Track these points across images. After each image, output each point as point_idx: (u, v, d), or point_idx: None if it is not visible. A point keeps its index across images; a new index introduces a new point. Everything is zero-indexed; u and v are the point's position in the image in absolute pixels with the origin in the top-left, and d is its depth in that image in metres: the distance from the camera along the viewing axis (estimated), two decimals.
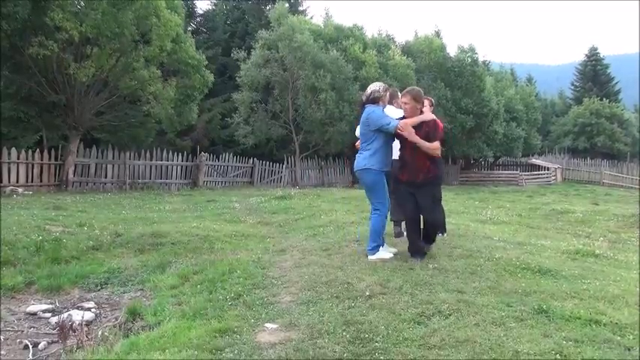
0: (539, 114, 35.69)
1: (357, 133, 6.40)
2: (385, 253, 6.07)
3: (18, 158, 15.99)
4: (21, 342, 4.78)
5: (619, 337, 3.81)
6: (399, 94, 6.86)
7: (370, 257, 5.97)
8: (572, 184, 33.25)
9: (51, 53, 14.87)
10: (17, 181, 15.77)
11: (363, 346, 3.64)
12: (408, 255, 6.03)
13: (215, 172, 22.51)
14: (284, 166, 25.16)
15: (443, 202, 6.91)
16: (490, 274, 5.42)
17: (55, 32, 15.07)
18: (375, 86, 6.17)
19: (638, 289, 5.23)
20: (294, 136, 24.64)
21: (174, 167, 20.91)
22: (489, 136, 29.68)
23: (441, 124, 6.57)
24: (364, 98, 6.13)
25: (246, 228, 9.47)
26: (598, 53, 53.76)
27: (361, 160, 6.03)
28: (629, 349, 3.61)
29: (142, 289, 6.18)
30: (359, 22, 27.91)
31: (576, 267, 6.09)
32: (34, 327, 5.21)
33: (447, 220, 8.01)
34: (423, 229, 6.07)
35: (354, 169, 6.20)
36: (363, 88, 23.02)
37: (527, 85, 39.70)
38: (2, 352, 4.56)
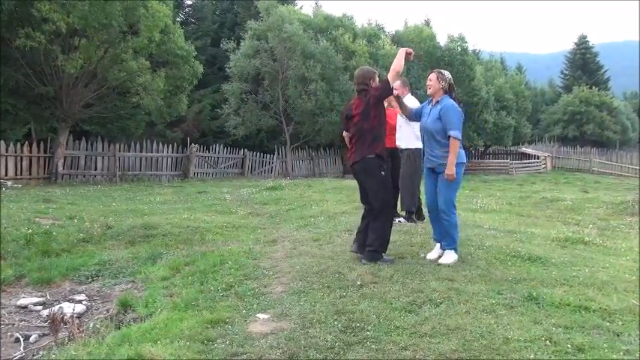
0: (529, 103, 35.84)
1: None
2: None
3: (6, 151, 15.87)
4: (12, 335, 4.77)
5: (608, 323, 3.85)
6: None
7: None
8: (562, 172, 33.46)
9: (38, 45, 14.72)
10: (6, 174, 15.65)
11: (354, 335, 3.65)
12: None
13: (205, 164, 22.45)
14: (275, 156, 25.13)
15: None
16: (480, 262, 5.45)
17: (42, 24, 14.90)
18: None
19: (627, 275, 5.28)
20: (285, 126, 24.60)
21: (165, 159, 20.83)
22: (479, 125, 29.77)
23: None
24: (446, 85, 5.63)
25: (237, 219, 9.46)
26: (587, 42, 54.03)
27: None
28: (618, 335, 3.65)
29: (133, 281, 6.17)
30: (348, 12, 27.86)
31: (566, 254, 6.14)
32: (25, 320, 5.19)
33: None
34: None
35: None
36: (353, 78, 23.12)
37: (517, 73, 39.83)
38: None
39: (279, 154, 25.27)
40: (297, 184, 15.73)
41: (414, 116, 5.95)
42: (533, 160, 35.66)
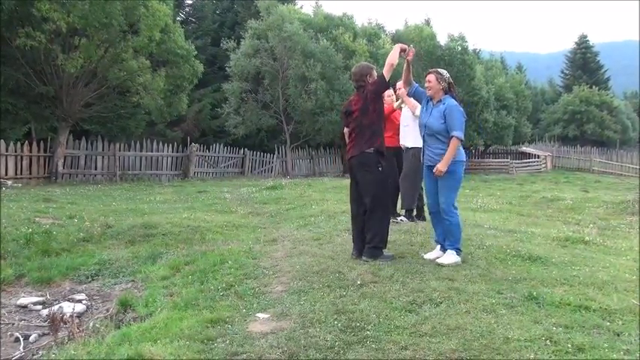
0: (529, 102, 35.81)
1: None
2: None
3: (7, 150, 15.86)
4: (12, 334, 4.77)
5: (608, 323, 3.84)
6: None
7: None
8: (562, 171, 33.45)
9: (38, 44, 14.71)
10: (6, 174, 15.65)
11: (354, 335, 3.65)
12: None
13: (206, 163, 22.44)
14: (275, 156, 25.11)
15: None
16: (481, 261, 5.45)
17: (43, 23, 14.90)
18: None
19: (627, 274, 5.27)
20: (285, 126, 24.59)
21: (165, 158, 20.82)
22: (480, 124, 29.74)
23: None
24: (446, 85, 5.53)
25: (238, 218, 9.46)
26: (587, 41, 53.99)
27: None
28: (618, 335, 3.65)
29: (133, 281, 6.17)
30: (349, 11, 27.85)
31: (566, 254, 6.13)
32: (24, 319, 5.19)
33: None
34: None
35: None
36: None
37: (517, 73, 39.79)
38: None
39: (279, 153, 25.26)
40: (297, 184, 15.74)
41: (413, 93, 5.92)
42: (533, 160, 35.64)
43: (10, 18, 15.07)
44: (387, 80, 5.53)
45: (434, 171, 5.41)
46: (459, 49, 28.36)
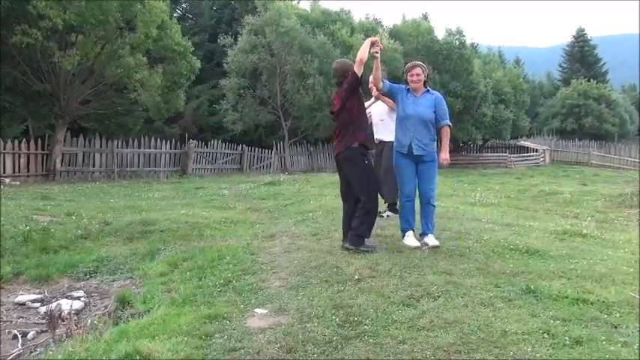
0: (527, 96, 35.73)
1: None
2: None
3: (4, 148, 15.83)
4: (10, 332, 4.76)
5: (606, 316, 3.85)
6: None
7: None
8: (561, 165, 33.46)
9: (35, 42, 14.68)
10: (4, 172, 15.63)
11: (352, 329, 3.65)
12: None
13: (204, 160, 22.43)
14: (273, 152, 25.10)
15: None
16: (478, 255, 5.45)
17: (39, 20, 14.86)
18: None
19: (625, 267, 5.28)
20: (283, 121, 24.57)
21: (163, 155, 20.81)
22: (478, 118, 29.69)
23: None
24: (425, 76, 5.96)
25: (236, 214, 9.45)
26: (585, 34, 53.86)
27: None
28: (616, 327, 3.65)
29: (131, 277, 6.16)
30: (346, 6, 27.76)
31: (564, 247, 6.14)
32: (22, 317, 5.18)
33: (435, 203, 8.06)
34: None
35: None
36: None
37: (515, 67, 39.71)
38: None
39: (277, 149, 25.25)
40: (296, 179, 15.74)
41: (388, 90, 6.08)
42: (531, 154, 35.66)
43: (7, 15, 15.04)
44: (359, 76, 5.64)
45: (441, 161, 5.83)
46: (457, 43, 28.31)
